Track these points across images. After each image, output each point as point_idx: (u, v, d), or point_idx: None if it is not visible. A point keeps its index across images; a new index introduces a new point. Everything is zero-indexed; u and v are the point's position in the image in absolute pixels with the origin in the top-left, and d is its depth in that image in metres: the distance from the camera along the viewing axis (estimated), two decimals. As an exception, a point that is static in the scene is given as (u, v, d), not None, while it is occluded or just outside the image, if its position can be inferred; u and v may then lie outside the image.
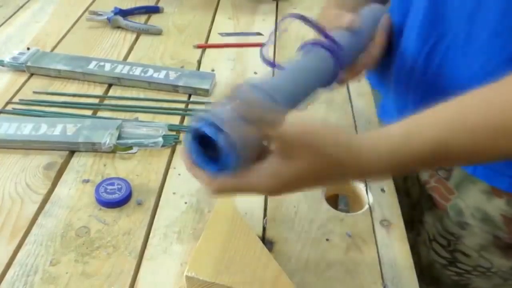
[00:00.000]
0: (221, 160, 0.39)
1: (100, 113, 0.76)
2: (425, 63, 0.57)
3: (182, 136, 0.72)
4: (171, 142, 0.70)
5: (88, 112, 0.76)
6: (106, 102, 0.79)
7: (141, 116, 0.75)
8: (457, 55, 0.54)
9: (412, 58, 0.59)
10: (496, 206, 0.61)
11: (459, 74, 0.54)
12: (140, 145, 0.69)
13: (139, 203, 0.61)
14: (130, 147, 0.69)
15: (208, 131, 0.39)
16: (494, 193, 0.60)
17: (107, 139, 0.67)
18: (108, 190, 0.60)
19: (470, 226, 0.64)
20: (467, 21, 0.51)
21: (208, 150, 0.41)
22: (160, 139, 0.69)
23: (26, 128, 0.68)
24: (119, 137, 0.69)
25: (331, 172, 0.43)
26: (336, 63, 0.52)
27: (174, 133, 0.72)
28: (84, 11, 1.05)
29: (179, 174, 0.66)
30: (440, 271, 0.70)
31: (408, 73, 0.60)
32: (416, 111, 0.47)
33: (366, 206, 0.63)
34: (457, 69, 0.54)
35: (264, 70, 0.88)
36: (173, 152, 0.70)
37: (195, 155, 0.42)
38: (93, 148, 0.68)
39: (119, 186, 0.61)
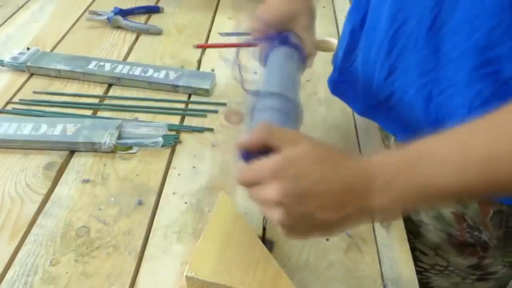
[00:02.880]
0: None
1: (100, 113, 0.76)
2: (390, 44, 0.57)
3: (181, 135, 0.72)
4: (171, 142, 0.70)
5: (88, 112, 0.76)
6: (106, 102, 0.79)
7: (141, 116, 0.75)
8: (419, 41, 0.53)
9: (379, 38, 0.59)
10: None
11: (425, 59, 0.54)
12: (140, 145, 0.69)
13: (139, 203, 0.61)
14: (130, 147, 0.69)
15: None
16: None
17: (107, 139, 0.67)
18: None
19: (425, 225, 0.65)
20: (436, 2, 0.50)
21: None
22: (160, 139, 0.69)
23: (26, 128, 0.68)
24: (119, 137, 0.69)
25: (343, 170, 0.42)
26: (301, 55, 0.62)
27: (174, 133, 0.72)
28: (84, 11, 1.05)
29: (179, 174, 0.66)
30: None
31: (376, 52, 0.60)
32: (380, 91, 0.55)
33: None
34: (422, 51, 0.54)
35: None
36: (173, 152, 0.70)
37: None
38: (93, 148, 0.68)
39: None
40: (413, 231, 0.68)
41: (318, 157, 0.42)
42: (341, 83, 0.70)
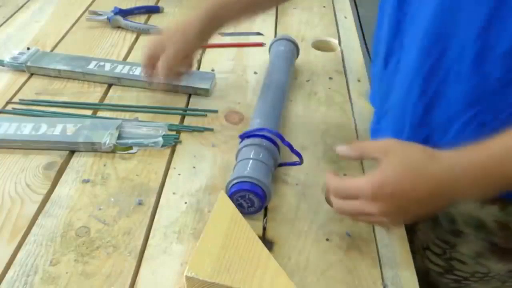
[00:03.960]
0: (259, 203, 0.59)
1: (100, 113, 0.76)
2: (426, 80, 0.55)
3: (182, 135, 0.72)
4: (171, 142, 0.70)
5: (88, 112, 0.76)
6: (106, 102, 0.79)
7: (141, 116, 0.75)
8: (464, 71, 0.51)
9: (411, 76, 0.56)
10: (489, 213, 0.61)
11: (468, 92, 0.52)
12: (140, 145, 0.69)
13: (139, 203, 0.61)
14: (130, 147, 0.69)
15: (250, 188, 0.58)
16: (486, 200, 0.60)
17: (107, 139, 0.67)
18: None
19: (464, 234, 0.64)
20: (482, 30, 0.48)
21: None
22: (160, 138, 0.69)
23: (26, 128, 0.68)
24: (119, 137, 0.69)
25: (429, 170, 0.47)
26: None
27: (174, 132, 0.72)
28: (84, 11, 1.05)
29: (179, 174, 0.66)
30: (437, 278, 0.70)
31: (406, 93, 0.58)
32: (414, 135, 0.58)
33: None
34: (468, 82, 0.52)
35: (264, 71, 0.88)
36: (173, 152, 0.70)
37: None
38: (93, 148, 0.68)
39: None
40: (449, 241, 0.66)
41: (407, 168, 0.48)
42: (378, 130, 0.69)
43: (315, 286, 0.53)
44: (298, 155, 0.64)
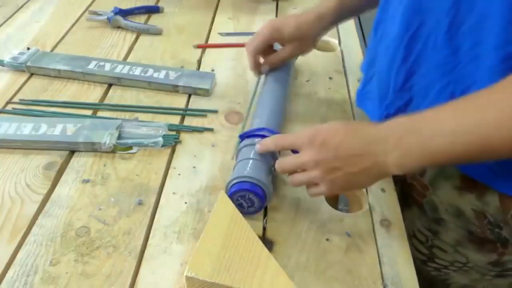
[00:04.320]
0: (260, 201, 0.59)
1: (100, 113, 0.76)
2: (407, 48, 0.58)
3: (182, 135, 0.72)
4: (171, 142, 0.70)
5: (88, 112, 0.76)
6: (106, 102, 0.79)
7: (141, 116, 0.75)
8: (438, 42, 0.54)
9: (394, 44, 0.60)
10: (467, 201, 0.62)
11: (445, 59, 0.55)
12: (140, 145, 0.69)
13: (139, 203, 0.61)
14: (130, 147, 0.69)
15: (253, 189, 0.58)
16: (465, 188, 0.62)
17: (107, 139, 0.67)
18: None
19: (445, 222, 0.66)
20: (453, 4, 0.51)
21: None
22: (160, 139, 0.69)
23: (26, 128, 0.68)
24: (119, 137, 0.69)
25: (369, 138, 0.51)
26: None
27: (174, 132, 0.72)
28: (84, 11, 1.05)
29: (179, 174, 0.66)
30: (420, 267, 0.71)
31: (390, 60, 0.61)
32: (397, 99, 0.61)
33: (366, 206, 0.63)
34: (441, 52, 0.55)
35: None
36: (173, 152, 0.70)
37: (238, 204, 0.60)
38: (93, 148, 0.68)
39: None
40: (432, 229, 0.68)
41: (339, 125, 0.55)
42: (364, 95, 0.72)
43: (315, 286, 0.53)
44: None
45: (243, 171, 0.59)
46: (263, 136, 0.64)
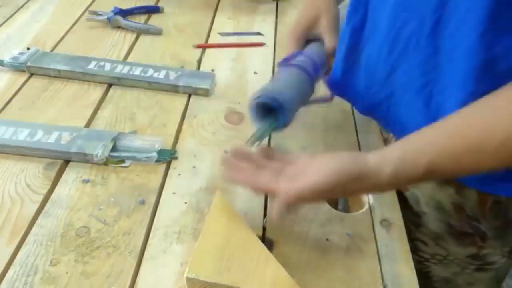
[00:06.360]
0: (277, 116, 0.62)
1: (100, 112, 0.76)
2: (392, 42, 0.58)
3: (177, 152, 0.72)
4: (166, 158, 0.68)
5: (89, 111, 0.76)
6: (106, 102, 0.79)
7: (141, 116, 0.75)
8: (421, 41, 0.54)
9: (382, 36, 0.60)
10: (447, 194, 0.63)
11: (426, 59, 0.55)
12: (133, 159, 0.67)
13: (142, 203, 0.61)
14: (123, 160, 0.67)
15: (268, 100, 0.61)
16: (445, 181, 0.63)
17: (99, 150, 0.65)
18: None
19: (426, 215, 0.67)
20: (440, 5, 0.51)
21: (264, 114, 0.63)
22: (154, 154, 0.67)
23: (22, 134, 0.68)
24: (113, 149, 0.67)
25: (351, 172, 0.49)
26: (311, 79, 0.68)
27: (170, 148, 0.70)
28: (84, 11, 1.05)
29: (179, 174, 0.66)
30: None
31: (378, 50, 0.61)
32: (382, 89, 0.61)
33: (366, 206, 0.63)
34: (424, 51, 0.55)
35: (264, 70, 0.88)
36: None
37: (258, 119, 0.63)
38: (85, 159, 0.66)
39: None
40: (414, 221, 0.69)
41: (335, 163, 0.51)
42: (343, 83, 0.71)
43: (315, 286, 0.53)
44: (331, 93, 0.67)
45: (268, 87, 0.62)
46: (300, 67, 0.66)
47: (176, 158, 0.69)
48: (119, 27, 0.99)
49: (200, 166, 0.67)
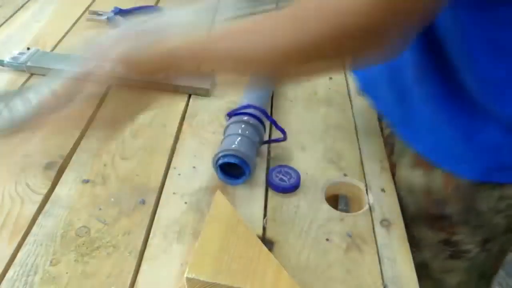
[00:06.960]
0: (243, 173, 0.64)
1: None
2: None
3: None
4: None
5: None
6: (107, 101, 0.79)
7: (141, 116, 0.75)
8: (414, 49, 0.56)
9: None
10: (416, 177, 0.64)
11: (415, 66, 0.58)
12: None
13: (142, 203, 0.61)
14: None
15: (236, 161, 0.62)
16: (416, 164, 0.64)
17: None
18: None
19: (402, 198, 0.67)
20: None
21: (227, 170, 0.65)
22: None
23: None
24: None
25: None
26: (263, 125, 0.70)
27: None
28: (84, 11, 1.05)
29: (179, 174, 0.66)
30: None
31: None
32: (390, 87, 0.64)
33: (366, 206, 0.63)
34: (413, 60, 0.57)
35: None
36: (173, 152, 0.70)
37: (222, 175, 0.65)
38: None
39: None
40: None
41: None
42: (370, 78, 0.74)
43: (315, 286, 0.53)
44: (282, 131, 0.68)
45: (231, 145, 0.63)
46: (249, 114, 0.68)
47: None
48: (119, 27, 0.99)
49: (200, 166, 0.67)
